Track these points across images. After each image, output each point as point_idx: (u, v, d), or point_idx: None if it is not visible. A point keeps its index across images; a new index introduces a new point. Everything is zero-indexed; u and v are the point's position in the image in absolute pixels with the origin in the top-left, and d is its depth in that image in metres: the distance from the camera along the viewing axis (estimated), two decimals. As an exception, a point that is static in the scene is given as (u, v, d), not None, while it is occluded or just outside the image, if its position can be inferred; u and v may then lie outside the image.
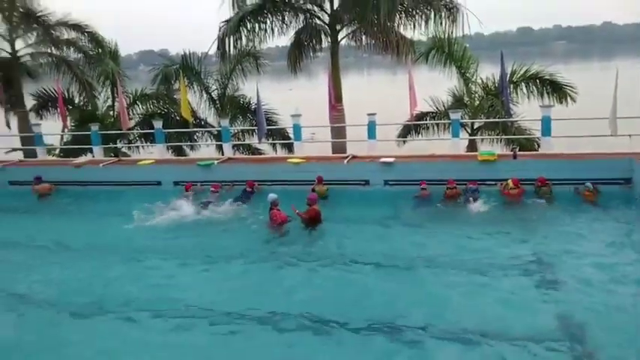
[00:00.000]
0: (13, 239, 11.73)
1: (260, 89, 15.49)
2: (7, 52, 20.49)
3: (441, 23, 17.48)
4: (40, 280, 9.40)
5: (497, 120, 15.54)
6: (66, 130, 19.03)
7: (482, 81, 17.11)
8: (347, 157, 14.60)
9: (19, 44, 20.50)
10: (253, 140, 18.80)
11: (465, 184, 12.57)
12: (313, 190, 12.53)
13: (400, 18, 17.99)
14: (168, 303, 8.06)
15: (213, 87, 19.70)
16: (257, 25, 18.24)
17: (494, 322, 7.00)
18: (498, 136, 16.31)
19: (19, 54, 20.70)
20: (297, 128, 15.58)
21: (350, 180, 13.86)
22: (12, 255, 10.87)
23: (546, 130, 13.49)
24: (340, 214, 12.04)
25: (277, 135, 19.29)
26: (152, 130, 17.21)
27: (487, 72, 17.26)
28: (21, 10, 20.17)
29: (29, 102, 21.01)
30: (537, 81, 16.47)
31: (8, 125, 18.90)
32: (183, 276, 9.19)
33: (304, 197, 11.33)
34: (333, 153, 16.59)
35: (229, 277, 9.12)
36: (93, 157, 17.36)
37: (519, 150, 13.92)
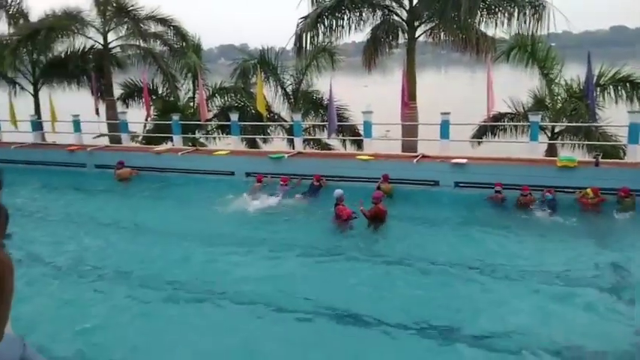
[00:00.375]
0: (93, 218, 12.61)
1: (334, 85, 15.57)
2: (100, 43, 21.86)
3: (525, 21, 16.74)
4: (112, 256, 10.06)
5: (580, 124, 14.72)
6: (149, 118, 20.06)
7: (567, 82, 16.24)
8: (417, 156, 14.38)
9: (110, 36, 21.79)
10: (324, 135, 18.95)
11: (541, 191, 12.04)
12: (378, 188, 12.47)
13: (481, 15, 17.42)
14: (230, 290, 8.34)
15: (288, 82, 20.01)
16: (334, 21, 18.30)
17: (564, 337, 6.68)
18: (580, 142, 15.44)
19: (110, 46, 22.01)
20: (367, 125, 15.53)
21: (419, 180, 13.65)
22: (89, 232, 11.67)
23: (634, 137, 12.60)
24: (407, 213, 11.93)
25: (347, 131, 19.33)
26: (228, 122, 17.78)
27: (573, 73, 16.35)
28: (114, 4, 21.39)
29: (117, 91, 22.32)
30: (627, 84, 15.40)
31: (97, 112, 20.14)
32: (247, 265, 9.45)
33: (370, 194, 11.31)
34: (402, 151, 16.40)
35: (292, 268, 9.28)
36: (173, 145, 18.19)
37: (602, 157, 13.11)
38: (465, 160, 13.46)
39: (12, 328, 0.81)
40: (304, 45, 18.20)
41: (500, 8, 17.13)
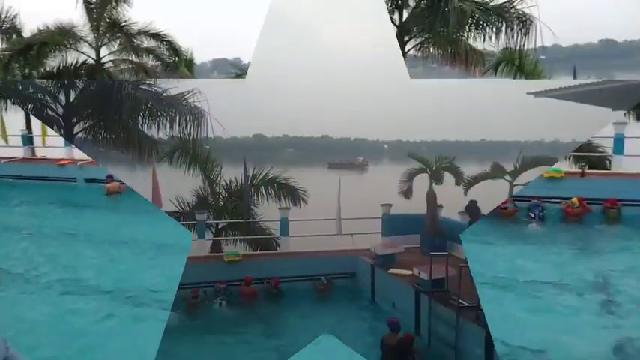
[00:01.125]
0: (78, 231, 12.69)
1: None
2: (92, 58, 21.89)
3: (512, 36, 16.93)
4: (94, 269, 10.17)
5: (566, 136, 14.82)
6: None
7: (554, 95, 16.40)
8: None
9: (103, 51, 21.83)
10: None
11: (528, 201, 12.14)
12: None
13: (469, 29, 17.61)
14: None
15: (280, 95, 20.09)
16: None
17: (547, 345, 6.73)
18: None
19: (102, 60, 22.05)
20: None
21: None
22: (73, 245, 11.83)
23: (619, 148, 12.79)
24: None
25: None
26: (220, 136, 17.78)
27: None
28: (108, 20, 21.47)
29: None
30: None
31: (89, 126, 20.09)
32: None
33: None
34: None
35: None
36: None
37: (588, 168, 13.26)
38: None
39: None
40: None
41: (489, 23, 17.32)
